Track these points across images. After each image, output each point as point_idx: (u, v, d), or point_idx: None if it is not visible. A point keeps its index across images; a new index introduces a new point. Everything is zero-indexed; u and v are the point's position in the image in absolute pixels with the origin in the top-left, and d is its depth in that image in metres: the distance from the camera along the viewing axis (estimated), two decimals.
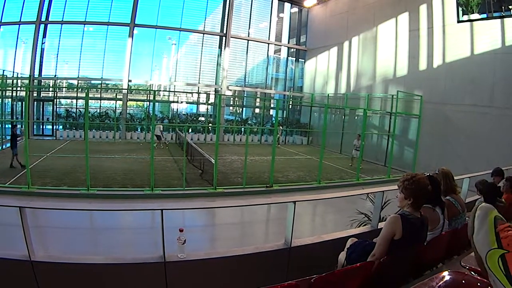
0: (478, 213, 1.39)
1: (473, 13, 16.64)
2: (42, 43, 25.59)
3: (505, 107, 15.85)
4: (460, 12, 17.21)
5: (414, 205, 3.31)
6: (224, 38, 29.46)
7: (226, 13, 29.31)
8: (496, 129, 16.17)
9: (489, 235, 1.30)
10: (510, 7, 15.24)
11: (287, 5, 33.07)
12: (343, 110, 26.93)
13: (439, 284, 1.28)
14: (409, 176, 3.44)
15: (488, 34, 16.63)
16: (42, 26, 25.21)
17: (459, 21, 17.43)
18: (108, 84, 28.33)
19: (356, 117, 26.16)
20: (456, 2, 17.25)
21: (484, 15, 16.29)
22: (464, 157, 17.13)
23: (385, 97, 23.13)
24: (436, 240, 3.41)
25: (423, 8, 20.20)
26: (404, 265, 3.17)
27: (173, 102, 30.58)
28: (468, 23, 17.23)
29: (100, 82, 27.76)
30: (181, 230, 4.23)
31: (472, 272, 1.35)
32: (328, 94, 28.60)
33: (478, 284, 1.27)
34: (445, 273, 1.36)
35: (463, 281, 1.33)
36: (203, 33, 29.42)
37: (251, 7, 30.79)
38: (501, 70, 16.10)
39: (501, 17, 15.72)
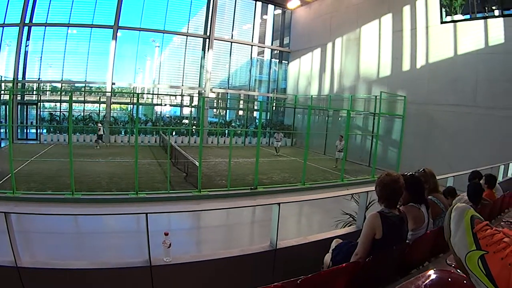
0: (453, 215, 1.37)
1: (457, 14, 16.85)
2: (26, 46, 25.39)
3: (488, 106, 16.08)
4: (444, 13, 17.42)
5: (385, 203, 3.37)
6: (207, 40, 29.50)
7: (210, 15, 29.35)
8: (479, 128, 16.41)
9: (466, 236, 1.28)
10: (493, 7, 15.43)
11: (270, 7, 33.18)
12: (327, 111, 27.08)
13: (425, 282, 1.27)
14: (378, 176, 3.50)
15: (472, 34, 16.88)
16: (26, 28, 25.02)
17: (442, 22, 17.64)
18: (92, 87, 28.19)
19: (339, 118, 26.32)
20: (440, 3, 17.45)
21: (468, 16, 16.51)
22: (447, 156, 17.32)
23: (369, 98, 23.30)
24: (421, 239, 3.42)
25: (406, 9, 20.39)
26: (390, 264, 3.17)
27: (157, 104, 30.43)
28: (452, 24, 17.46)
29: (83, 85, 27.60)
30: (166, 234, 4.20)
31: (458, 270, 1.35)
32: (312, 96, 28.74)
33: (464, 281, 1.26)
34: (431, 272, 1.35)
35: (449, 279, 1.32)
36: (187, 35, 29.40)
37: (234, 9, 30.89)
38: (484, 70, 16.34)
39: (484, 17, 15.94)
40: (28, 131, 26.73)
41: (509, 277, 1.11)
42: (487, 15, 15.79)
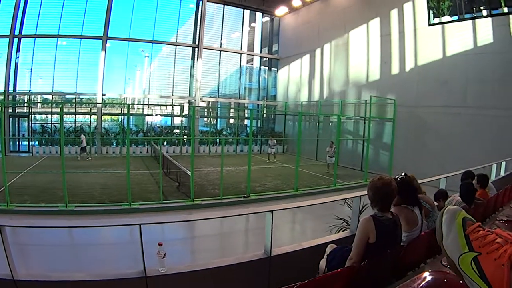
0: (444, 218, 1.37)
1: (444, 15, 16.93)
2: (16, 58, 25.32)
3: (477, 106, 16.27)
4: (431, 15, 17.51)
5: (378, 206, 3.35)
6: (196, 49, 29.48)
7: (198, 24, 29.35)
8: (469, 128, 16.58)
9: (459, 239, 1.29)
10: (481, 8, 15.53)
11: (258, 15, 33.32)
12: (317, 117, 27.11)
13: (421, 284, 1.28)
14: (371, 179, 3.50)
15: (460, 35, 17.04)
16: (15, 40, 24.98)
17: (430, 24, 17.74)
18: (82, 98, 28.15)
19: (330, 124, 26.37)
20: (427, 5, 17.55)
21: (456, 17, 16.58)
22: (439, 157, 17.44)
23: (359, 103, 23.39)
24: (416, 241, 3.43)
25: (394, 13, 20.54)
26: (386, 267, 3.17)
27: (148, 115, 30.36)
28: (440, 26, 17.58)
29: (74, 96, 27.54)
30: (160, 244, 4.19)
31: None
32: (302, 102, 28.83)
33: (460, 281, 1.27)
34: (426, 273, 1.35)
35: (445, 280, 1.33)
36: (176, 45, 29.42)
37: (223, 18, 30.97)
38: (473, 70, 16.50)
39: (473, 18, 16.05)
40: (20, 143, 26.59)
41: (502, 277, 1.12)
42: (475, 15, 15.89)
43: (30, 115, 26.49)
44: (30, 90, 26.35)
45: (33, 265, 7.72)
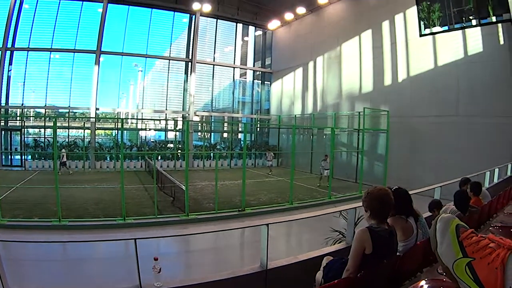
0: (438, 226, 1.39)
1: (435, 26, 17.11)
2: (9, 71, 25.30)
3: (470, 114, 16.43)
4: (422, 26, 17.68)
5: (376, 217, 3.30)
6: (190, 63, 29.59)
7: (191, 38, 29.52)
8: (462, 136, 16.75)
9: (453, 246, 1.30)
10: (470, 17, 15.72)
11: (251, 29, 33.55)
12: (311, 130, 27.21)
13: None
14: (366, 190, 3.48)
15: (451, 45, 17.28)
16: (8, 53, 24.95)
17: (421, 35, 17.91)
18: (76, 112, 28.11)
19: (324, 136, 26.43)
20: (418, 16, 17.73)
21: (446, 27, 16.77)
22: (433, 166, 17.54)
23: (352, 114, 23.46)
24: (412, 250, 3.43)
25: (385, 25, 20.75)
26: (382, 278, 3.17)
27: (141, 129, 30.33)
28: (430, 36, 17.78)
29: (67, 110, 27.51)
30: (155, 259, 4.17)
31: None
32: (295, 115, 28.90)
33: None
34: (423, 282, 1.37)
35: None
36: (169, 59, 29.54)
37: (215, 32, 31.13)
38: (465, 79, 16.74)
39: (462, 28, 16.25)
40: (12, 157, 26.47)
41: (496, 280, 1.14)
42: (464, 25, 16.09)
43: (23, 129, 26.44)
44: (23, 104, 26.28)
45: (27, 280, 7.66)
